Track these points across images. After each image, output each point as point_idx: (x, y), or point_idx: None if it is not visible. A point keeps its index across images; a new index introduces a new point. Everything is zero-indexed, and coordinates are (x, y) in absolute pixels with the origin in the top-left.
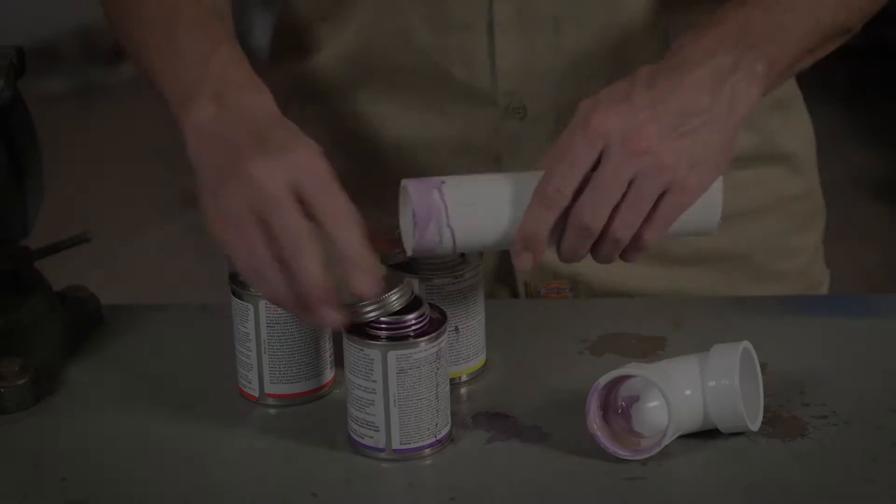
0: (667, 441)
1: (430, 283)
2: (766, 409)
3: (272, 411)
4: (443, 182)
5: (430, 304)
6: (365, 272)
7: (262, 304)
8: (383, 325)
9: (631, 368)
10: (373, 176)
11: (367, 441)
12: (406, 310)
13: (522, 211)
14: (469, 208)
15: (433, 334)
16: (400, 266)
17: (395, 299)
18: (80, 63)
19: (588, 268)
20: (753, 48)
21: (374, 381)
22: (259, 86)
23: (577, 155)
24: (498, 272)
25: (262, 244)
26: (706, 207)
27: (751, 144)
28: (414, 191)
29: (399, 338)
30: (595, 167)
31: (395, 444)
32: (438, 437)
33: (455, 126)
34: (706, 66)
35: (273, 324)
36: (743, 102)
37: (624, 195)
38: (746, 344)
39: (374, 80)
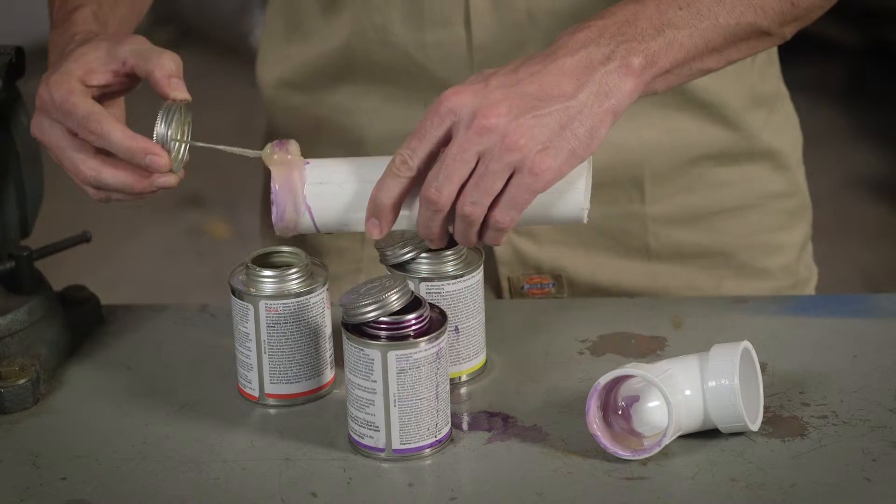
0: (667, 441)
1: (430, 283)
2: (766, 409)
3: (272, 411)
4: (306, 163)
5: (430, 304)
6: (147, 156)
7: (262, 304)
8: (383, 325)
9: (631, 368)
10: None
11: (367, 441)
12: (406, 310)
13: None
14: (326, 187)
15: (433, 334)
16: (400, 266)
17: (395, 299)
18: None
19: (570, 263)
20: (632, 42)
21: (374, 381)
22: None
23: (426, 129)
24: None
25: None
26: (568, 194)
27: (731, 141)
28: (275, 172)
29: (399, 338)
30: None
31: (395, 444)
32: (438, 437)
33: None
34: (577, 55)
35: (273, 324)
36: (613, 94)
37: (473, 173)
38: (746, 344)
39: (359, 74)
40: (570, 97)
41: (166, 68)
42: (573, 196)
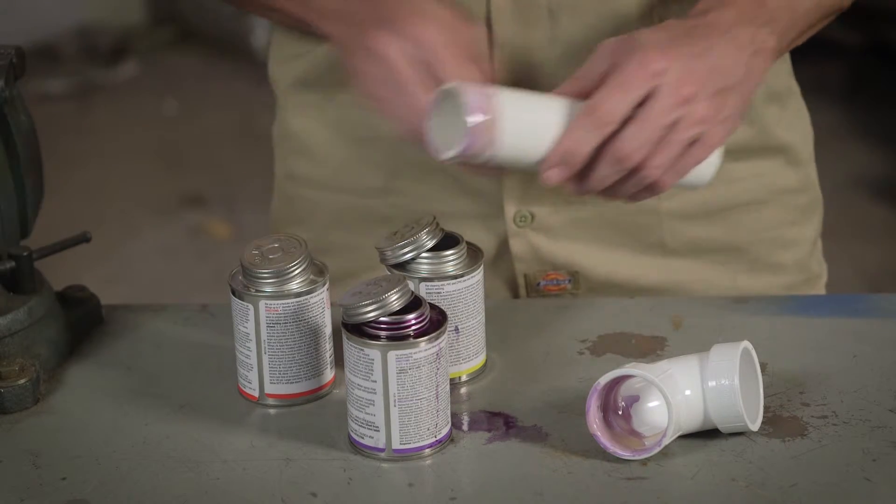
0: (667, 441)
1: (430, 283)
2: (766, 409)
3: (272, 411)
4: (495, 92)
5: (430, 304)
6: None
7: (262, 304)
8: (383, 325)
9: (631, 368)
10: (375, 164)
11: (367, 441)
12: (406, 310)
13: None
14: (521, 123)
15: (433, 334)
16: (400, 266)
17: (395, 299)
18: (80, 63)
19: (586, 259)
20: (768, 24)
21: (374, 381)
22: None
23: (632, 86)
24: (496, 263)
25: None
26: (708, 165)
27: (746, 136)
28: (470, 97)
29: (399, 338)
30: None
31: (395, 444)
32: (438, 437)
33: None
34: (732, 33)
35: (273, 324)
36: (756, 75)
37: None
38: (746, 344)
39: None
40: (734, 76)
41: None
42: (712, 168)
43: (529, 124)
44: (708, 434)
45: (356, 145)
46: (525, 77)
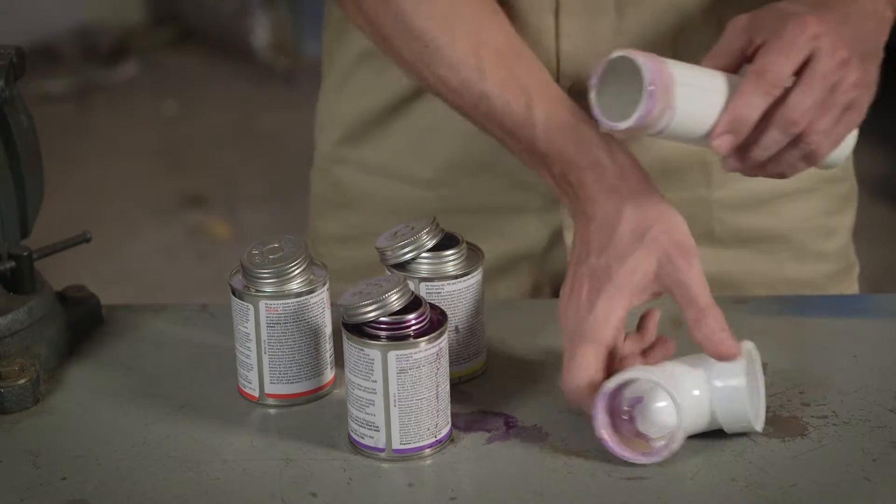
0: (676, 445)
1: (430, 283)
2: (767, 409)
3: (272, 411)
4: (665, 60)
5: (430, 304)
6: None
7: (262, 304)
8: (383, 325)
9: (637, 371)
10: (429, 155)
11: (367, 441)
12: (406, 310)
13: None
14: (693, 90)
15: (433, 334)
16: (400, 266)
17: (395, 299)
18: (80, 63)
19: None
20: None
21: (374, 381)
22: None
23: (794, 50)
24: (546, 257)
25: None
26: (848, 139)
27: None
28: (647, 64)
29: (399, 338)
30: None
31: (395, 444)
32: (438, 437)
33: None
34: (859, 3)
35: (273, 324)
36: (882, 43)
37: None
38: (750, 344)
39: None
40: (870, 43)
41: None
42: (850, 145)
43: (700, 92)
44: (708, 434)
45: (411, 130)
46: (589, 69)
